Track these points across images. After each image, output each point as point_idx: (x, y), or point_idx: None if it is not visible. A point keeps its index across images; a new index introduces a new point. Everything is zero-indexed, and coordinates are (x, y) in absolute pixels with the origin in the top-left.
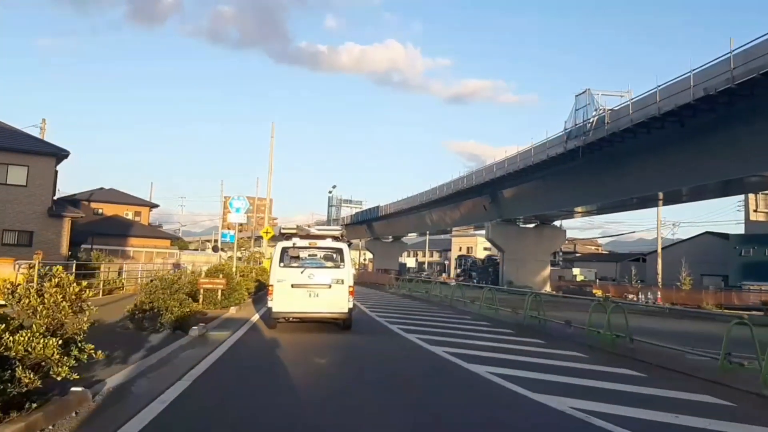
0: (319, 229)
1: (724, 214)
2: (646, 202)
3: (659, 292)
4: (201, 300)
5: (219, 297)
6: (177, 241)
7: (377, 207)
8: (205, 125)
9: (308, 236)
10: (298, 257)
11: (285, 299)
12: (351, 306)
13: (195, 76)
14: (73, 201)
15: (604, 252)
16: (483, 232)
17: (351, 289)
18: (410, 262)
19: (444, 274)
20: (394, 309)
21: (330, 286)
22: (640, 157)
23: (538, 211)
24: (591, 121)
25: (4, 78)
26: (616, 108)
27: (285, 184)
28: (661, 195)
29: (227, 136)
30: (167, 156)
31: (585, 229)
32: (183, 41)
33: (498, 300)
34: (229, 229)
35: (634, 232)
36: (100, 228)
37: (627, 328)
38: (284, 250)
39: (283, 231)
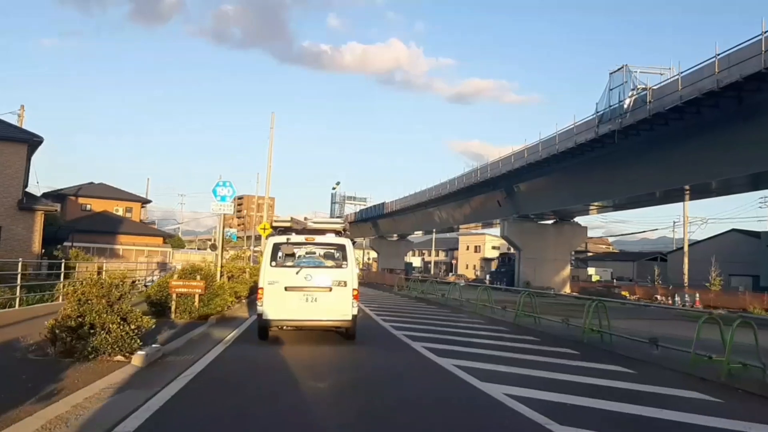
0: (317, 222)
1: (742, 212)
2: (671, 196)
3: (698, 295)
4: (174, 308)
5: (196, 304)
6: (173, 239)
7: (382, 204)
8: (209, 125)
9: (305, 231)
10: (293, 255)
11: (277, 304)
12: (355, 312)
13: (199, 75)
14: (59, 195)
15: (616, 251)
16: (493, 230)
17: (355, 292)
18: (416, 262)
19: (451, 275)
20: (408, 316)
21: (330, 289)
22: (676, 143)
23: (560, 206)
24: (628, 101)
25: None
26: (657, 86)
27: (288, 183)
28: (688, 188)
29: (231, 136)
30: (170, 154)
31: (590, 228)
32: (187, 41)
33: (535, 306)
34: (230, 227)
35: (656, 229)
36: (86, 224)
37: (758, 354)
38: (276, 246)
39: (274, 224)
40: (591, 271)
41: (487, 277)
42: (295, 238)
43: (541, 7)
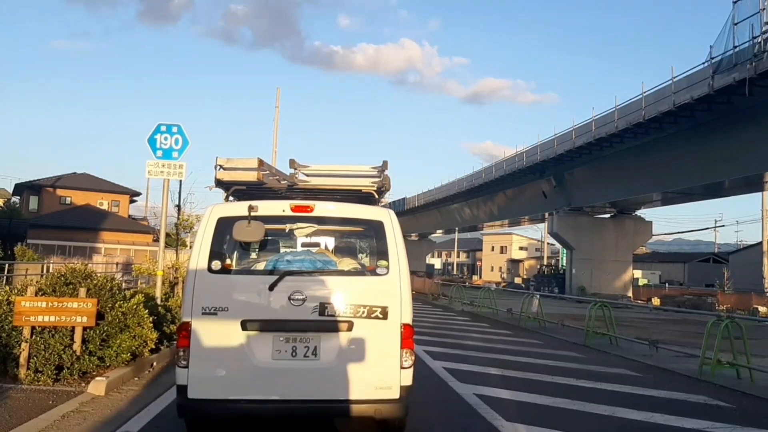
0: (321, 174)
1: None
2: (750, 184)
3: None
4: (25, 357)
5: (77, 347)
6: (169, 238)
7: (403, 199)
8: (216, 125)
9: (292, 191)
10: (263, 247)
11: (223, 364)
12: (409, 381)
13: (208, 75)
14: (33, 187)
15: (648, 252)
16: (520, 229)
17: (407, 330)
18: (436, 263)
19: (476, 277)
20: (491, 356)
21: (350, 326)
22: None
23: (629, 194)
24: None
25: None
26: None
27: None
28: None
29: (239, 136)
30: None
31: None
32: (197, 42)
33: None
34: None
35: (705, 229)
36: (64, 219)
37: None
38: (223, 226)
39: (220, 176)
40: (637, 273)
41: (513, 279)
42: (268, 207)
43: (558, 5)
